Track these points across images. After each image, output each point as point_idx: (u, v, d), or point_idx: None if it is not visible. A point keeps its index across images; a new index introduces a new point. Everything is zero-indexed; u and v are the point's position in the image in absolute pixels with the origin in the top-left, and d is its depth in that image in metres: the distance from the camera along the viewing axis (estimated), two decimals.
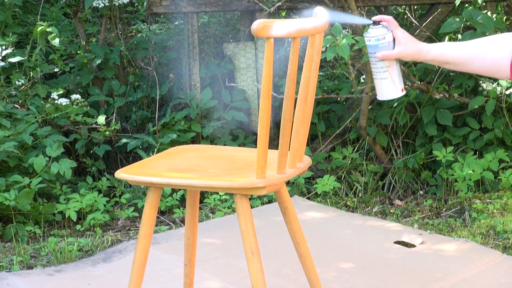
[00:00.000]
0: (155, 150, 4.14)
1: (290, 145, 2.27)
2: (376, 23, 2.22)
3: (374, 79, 2.26)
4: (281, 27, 2.07)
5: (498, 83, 4.27)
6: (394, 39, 2.22)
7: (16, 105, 4.19)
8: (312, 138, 4.53)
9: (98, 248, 3.49)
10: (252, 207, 3.93)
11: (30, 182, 3.74)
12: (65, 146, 4.26)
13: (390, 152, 4.43)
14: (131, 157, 4.42)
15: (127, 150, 4.28)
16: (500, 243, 3.47)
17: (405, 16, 5.31)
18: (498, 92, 4.22)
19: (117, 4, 4.52)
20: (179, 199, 4.02)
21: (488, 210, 3.87)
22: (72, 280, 3.12)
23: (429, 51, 2.20)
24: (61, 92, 4.29)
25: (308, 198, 4.11)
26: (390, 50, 2.21)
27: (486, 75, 2.25)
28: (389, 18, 2.19)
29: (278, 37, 2.09)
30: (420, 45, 2.20)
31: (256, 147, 2.23)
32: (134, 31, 4.93)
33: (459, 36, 4.47)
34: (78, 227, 3.77)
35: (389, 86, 2.24)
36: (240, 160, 2.43)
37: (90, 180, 4.14)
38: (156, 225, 3.77)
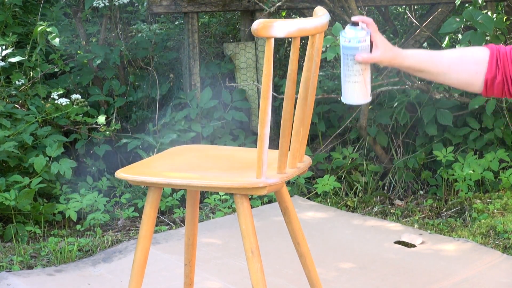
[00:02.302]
0: (155, 150, 4.13)
1: (290, 145, 2.26)
2: (355, 23, 2.09)
3: (345, 82, 2.13)
4: (281, 27, 2.07)
5: None
6: (371, 42, 2.11)
7: (16, 105, 4.19)
8: (312, 138, 4.53)
9: (98, 248, 3.49)
10: (252, 207, 3.92)
11: (30, 182, 3.73)
12: (65, 146, 4.25)
13: (390, 152, 4.43)
14: (131, 157, 4.42)
15: (127, 150, 4.27)
16: (501, 243, 3.47)
17: (405, 16, 5.31)
18: None
19: (117, 4, 4.52)
20: (179, 199, 4.02)
21: (489, 210, 3.86)
22: (72, 280, 3.12)
23: (405, 57, 2.12)
24: (61, 92, 4.29)
25: (308, 198, 4.11)
26: (371, 54, 2.10)
27: (456, 87, 2.19)
28: (370, 20, 2.10)
29: (278, 37, 2.08)
30: (397, 51, 2.12)
31: (256, 147, 2.23)
32: (134, 31, 4.93)
33: (460, 36, 4.46)
34: (78, 227, 3.77)
35: (361, 90, 2.13)
36: (240, 160, 2.43)
37: (90, 180, 4.14)
38: (156, 225, 3.77)
